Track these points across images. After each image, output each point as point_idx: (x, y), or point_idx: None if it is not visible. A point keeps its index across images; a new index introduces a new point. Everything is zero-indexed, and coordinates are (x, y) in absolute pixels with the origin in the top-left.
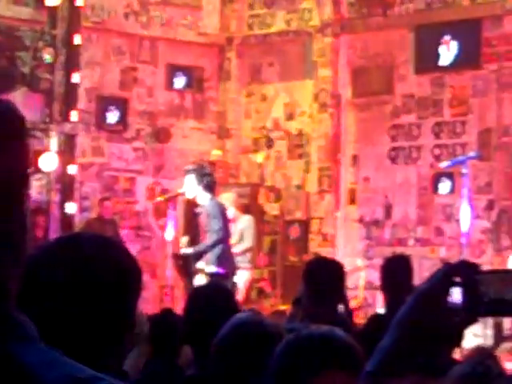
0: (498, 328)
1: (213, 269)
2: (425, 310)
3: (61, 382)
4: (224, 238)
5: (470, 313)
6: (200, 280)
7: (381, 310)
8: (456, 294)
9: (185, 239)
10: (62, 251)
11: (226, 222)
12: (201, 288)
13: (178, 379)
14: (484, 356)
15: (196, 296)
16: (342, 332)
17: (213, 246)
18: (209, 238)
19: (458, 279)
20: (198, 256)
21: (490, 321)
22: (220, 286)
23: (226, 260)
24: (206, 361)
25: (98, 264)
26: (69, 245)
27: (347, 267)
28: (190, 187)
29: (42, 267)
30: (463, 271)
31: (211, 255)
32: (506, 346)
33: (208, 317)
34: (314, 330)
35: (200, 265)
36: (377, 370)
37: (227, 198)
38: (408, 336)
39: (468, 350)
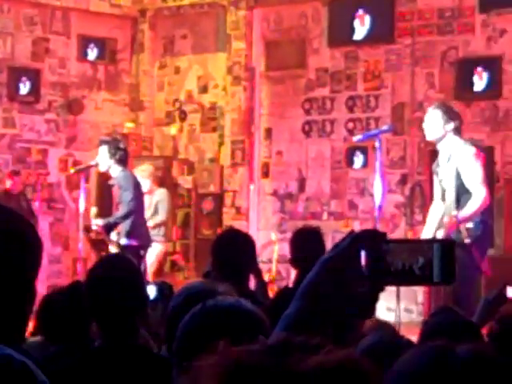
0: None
1: (125, 241)
2: (330, 278)
3: None
4: (136, 210)
5: (375, 282)
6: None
7: None
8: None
9: (94, 210)
10: None
11: (138, 193)
12: (100, 261)
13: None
14: (386, 327)
15: (96, 269)
16: (249, 304)
17: (124, 217)
18: (120, 210)
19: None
20: (111, 228)
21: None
22: (121, 258)
23: (139, 232)
24: (111, 334)
25: None
26: None
27: (261, 241)
28: (103, 159)
29: None
30: (369, 239)
31: (123, 227)
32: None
33: (109, 290)
34: (219, 301)
35: (112, 236)
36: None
37: (144, 170)
38: (313, 305)
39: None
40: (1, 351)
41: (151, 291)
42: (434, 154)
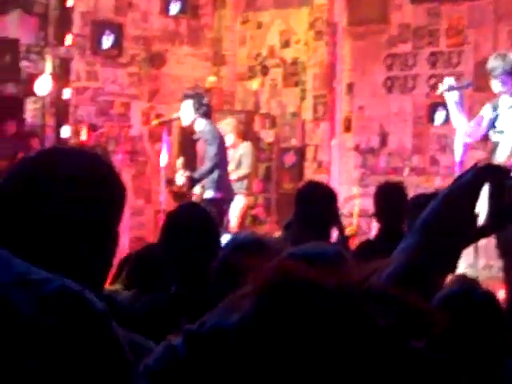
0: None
1: (210, 194)
2: (448, 213)
3: (8, 283)
4: (220, 164)
5: (494, 219)
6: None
7: None
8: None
9: (180, 160)
10: (48, 162)
11: (222, 147)
12: (178, 209)
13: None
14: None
15: (173, 216)
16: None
17: (209, 172)
18: (205, 165)
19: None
20: (195, 182)
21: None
22: (198, 207)
23: (223, 185)
24: (191, 282)
25: (82, 173)
26: (56, 156)
27: (342, 195)
28: (187, 113)
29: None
30: (493, 174)
31: (208, 180)
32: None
33: (184, 237)
34: (305, 249)
35: (196, 190)
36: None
37: (228, 124)
38: (428, 240)
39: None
40: (57, 282)
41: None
42: None
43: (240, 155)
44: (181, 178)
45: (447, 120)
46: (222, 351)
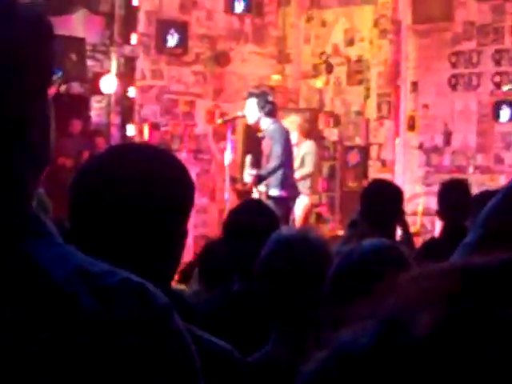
0: None
1: (275, 192)
2: (510, 208)
3: (68, 276)
4: (286, 162)
5: None
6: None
7: None
8: None
9: (248, 158)
10: (123, 159)
11: (288, 145)
12: (240, 206)
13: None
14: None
15: (235, 213)
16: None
17: (274, 170)
18: (271, 163)
19: None
20: (261, 180)
21: None
22: (261, 203)
23: (288, 183)
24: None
25: (157, 171)
26: (129, 152)
27: (406, 194)
28: (252, 112)
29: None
30: None
31: (273, 179)
32: None
33: (246, 235)
34: (373, 242)
35: (261, 188)
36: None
37: (292, 122)
38: (494, 233)
39: None
40: (119, 275)
41: None
42: None
43: (303, 154)
44: (248, 176)
45: None
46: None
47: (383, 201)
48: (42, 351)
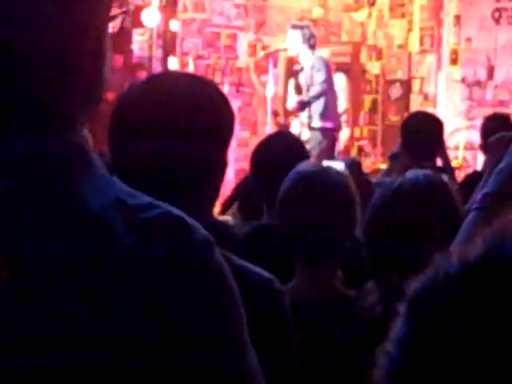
0: None
1: (319, 123)
2: None
3: (106, 207)
4: (329, 92)
5: None
6: (304, 134)
7: None
8: None
9: (292, 82)
10: (165, 88)
11: (330, 76)
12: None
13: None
14: None
15: (263, 142)
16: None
17: (317, 96)
18: (314, 88)
19: None
20: (304, 105)
21: None
22: (289, 134)
23: (332, 114)
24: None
25: (200, 100)
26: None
27: (448, 128)
28: (294, 44)
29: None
30: None
31: (315, 109)
32: None
33: (274, 168)
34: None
35: (303, 119)
36: (496, 191)
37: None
38: None
39: None
40: (159, 208)
41: (339, 167)
42: None
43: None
44: (292, 102)
45: None
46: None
47: (423, 132)
48: (77, 281)
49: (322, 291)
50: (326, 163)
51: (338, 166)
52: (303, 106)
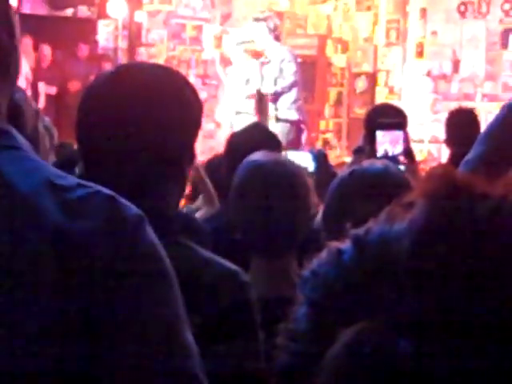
0: None
1: (287, 115)
2: None
3: (36, 189)
4: (298, 83)
5: None
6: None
7: None
8: None
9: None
10: (133, 79)
11: (298, 67)
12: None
13: None
14: None
15: (236, 135)
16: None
17: (290, 86)
18: (287, 79)
19: None
20: (276, 99)
21: None
22: (261, 126)
23: (299, 105)
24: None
25: (166, 90)
26: (132, 71)
27: (413, 121)
28: (261, 36)
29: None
30: None
31: (283, 100)
32: None
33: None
34: (368, 166)
35: (271, 112)
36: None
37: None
38: (495, 150)
39: None
40: (89, 188)
41: (306, 158)
42: None
43: None
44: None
45: None
46: (391, 256)
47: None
48: (5, 262)
49: (280, 285)
50: (291, 154)
51: (305, 156)
52: (276, 97)
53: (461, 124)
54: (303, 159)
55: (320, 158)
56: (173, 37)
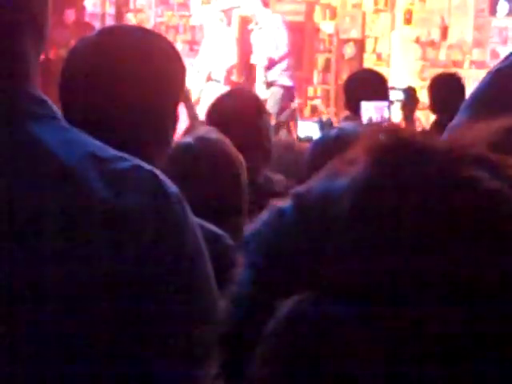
0: None
1: (281, 81)
2: (503, 88)
3: (78, 160)
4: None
5: None
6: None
7: None
8: None
9: None
10: (107, 39)
11: (288, 34)
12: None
13: None
14: None
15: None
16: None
17: (285, 56)
18: (281, 48)
19: None
20: (270, 66)
21: None
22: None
23: (292, 72)
24: None
25: (151, 52)
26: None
27: (401, 87)
28: (248, 1)
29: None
30: None
31: (279, 67)
32: None
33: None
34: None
35: (262, 77)
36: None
37: None
38: (479, 116)
39: None
40: (130, 161)
41: (313, 127)
42: None
43: None
44: (260, 58)
45: (510, 12)
46: (332, 216)
47: (368, 90)
48: (55, 235)
49: None
50: (300, 124)
51: (312, 126)
52: (273, 63)
53: (445, 89)
54: (310, 128)
55: (326, 128)
56: (161, 2)
